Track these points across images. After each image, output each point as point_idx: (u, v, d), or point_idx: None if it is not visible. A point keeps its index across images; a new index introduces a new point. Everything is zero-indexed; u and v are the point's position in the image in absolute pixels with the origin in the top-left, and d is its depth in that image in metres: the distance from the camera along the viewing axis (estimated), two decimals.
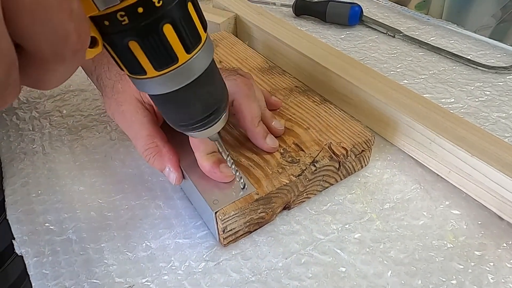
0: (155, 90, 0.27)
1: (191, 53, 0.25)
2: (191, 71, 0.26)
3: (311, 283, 0.36)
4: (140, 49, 0.23)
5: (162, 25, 0.23)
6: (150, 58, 0.24)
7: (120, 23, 0.22)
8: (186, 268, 0.37)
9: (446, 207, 0.41)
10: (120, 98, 0.40)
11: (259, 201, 0.37)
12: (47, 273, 0.37)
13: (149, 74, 0.25)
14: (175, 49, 0.24)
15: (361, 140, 0.42)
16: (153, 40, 0.23)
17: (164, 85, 0.26)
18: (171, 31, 0.24)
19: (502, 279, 0.35)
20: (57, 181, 0.46)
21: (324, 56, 0.55)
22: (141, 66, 0.24)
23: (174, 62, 0.25)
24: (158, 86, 0.26)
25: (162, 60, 0.24)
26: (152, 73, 0.25)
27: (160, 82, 0.26)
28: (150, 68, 0.25)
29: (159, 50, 0.24)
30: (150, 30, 0.23)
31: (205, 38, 0.26)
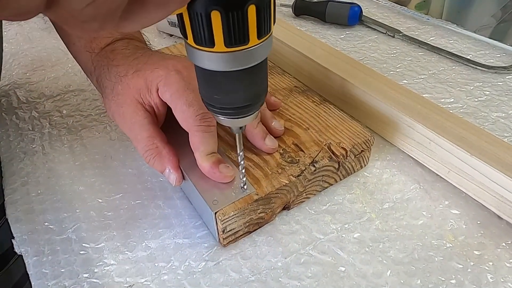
0: (212, 65, 0.27)
1: (261, 39, 0.26)
2: (253, 57, 0.27)
3: (311, 283, 0.36)
4: (220, 21, 0.24)
5: (248, 4, 0.23)
6: (226, 32, 0.24)
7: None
8: (186, 268, 0.37)
9: (445, 206, 0.41)
10: (120, 99, 0.40)
11: (258, 202, 0.37)
12: (46, 272, 0.37)
13: (217, 48, 0.25)
14: (250, 31, 0.25)
15: (360, 141, 0.43)
16: (236, 16, 0.24)
17: (224, 62, 0.26)
18: (253, 13, 0.24)
19: (501, 279, 0.35)
20: (57, 181, 0.46)
21: (323, 56, 0.55)
22: (213, 38, 0.25)
23: (244, 43, 0.25)
24: (217, 63, 0.26)
25: (236, 38, 0.25)
26: (220, 47, 0.25)
27: (221, 59, 0.26)
28: (220, 42, 0.25)
29: (237, 27, 0.24)
30: (237, 5, 0.23)
31: (272, 30, 0.27)
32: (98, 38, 0.44)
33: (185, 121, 0.38)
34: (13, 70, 0.67)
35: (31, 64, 0.68)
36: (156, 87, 0.39)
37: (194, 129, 0.38)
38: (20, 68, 0.67)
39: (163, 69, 0.39)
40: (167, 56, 0.42)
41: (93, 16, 0.18)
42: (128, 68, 0.41)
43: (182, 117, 0.38)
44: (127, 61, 0.41)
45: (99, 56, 0.44)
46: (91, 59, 0.45)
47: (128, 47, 0.43)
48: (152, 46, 0.49)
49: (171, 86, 0.38)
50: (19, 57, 0.70)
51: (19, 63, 0.68)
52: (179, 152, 0.40)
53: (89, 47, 0.45)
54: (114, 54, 0.43)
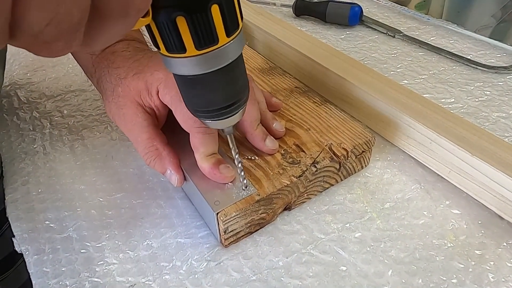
0: (187, 71, 0.27)
1: (230, 37, 0.26)
2: (226, 55, 0.27)
3: (312, 282, 0.36)
4: (186, 25, 0.24)
5: (211, 5, 0.24)
6: (194, 36, 0.25)
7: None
8: (188, 267, 0.37)
9: (446, 206, 0.42)
10: (121, 101, 0.40)
11: (260, 202, 0.37)
12: (47, 271, 0.37)
13: (189, 52, 0.26)
14: (218, 30, 0.25)
15: (361, 141, 0.43)
16: (200, 18, 0.24)
17: (199, 66, 0.27)
18: (217, 12, 0.24)
19: (502, 278, 0.35)
20: (58, 180, 0.46)
21: (324, 56, 0.55)
22: (183, 43, 0.25)
23: (214, 43, 0.26)
24: (192, 67, 0.27)
25: (205, 39, 0.25)
26: (192, 51, 0.26)
27: (195, 63, 0.26)
28: (191, 46, 0.25)
29: (204, 28, 0.25)
30: (200, 8, 0.24)
31: (241, 26, 0.27)
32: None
33: (185, 122, 0.38)
34: (14, 70, 0.67)
35: (31, 65, 0.68)
36: (156, 89, 0.39)
37: (194, 131, 0.38)
38: (21, 68, 0.67)
39: (163, 71, 0.39)
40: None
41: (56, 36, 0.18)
42: (128, 70, 0.41)
43: (182, 119, 0.38)
44: (127, 63, 0.41)
45: (100, 58, 0.44)
46: (92, 61, 0.45)
47: (129, 49, 0.43)
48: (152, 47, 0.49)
49: (171, 89, 0.38)
50: (19, 57, 0.70)
51: (19, 63, 0.68)
52: (180, 152, 0.40)
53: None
54: (114, 56, 0.43)
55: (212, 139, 0.39)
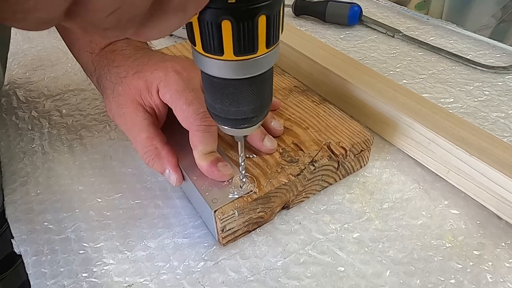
0: (219, 73, 0.27)
1: (269, 49, 0.26)
2: (261, 65, 0.27)
3: (310, 283, 0.36)
4: (230, 30, 0.24)
5: (259, 14, 0.24)
6: (235, 41, 0.24)
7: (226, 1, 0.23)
8: (185, 267, 0.37)
9: (445, 206, 0.41)
10: (121, 100, 0.40)
11: (258, 201, 0.37)
12: (45, 272, 0.37)
13: (226, 56, 0.25)
14: (259, 41, 0.25)
15: (360, 140, 0.43)
16: (246, 26, 0.24)
17: (232, 70, 0.26)
18: (263, 23, 0.24)
19: (500, 279, 0.35)
20: (56, 181, 0.46)
21: (323, 56, 0.55)
22: (222, 46, 0.25)
23: (253, 52, 0.25)
24: (224, 70, 0.26)
25: (245, 47, 0.25)
26: (229, 56, 0.25)
27: (229, 67, 0.26)
28: (230, 51, 0.25)
29: (247, 37, 0.24)
30: (248, 15, 0.23)
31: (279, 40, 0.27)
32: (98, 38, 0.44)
33: (185, 120, 0.38)
34: (13, 69, 0.67)
35: (30, 64, 0.68)
36: (156, 88, 0.39)
37: (194, 128, 0.38)
38: (20, 67, 0.67)
39: (163, 70, 0.39)
40: (167, 57, 0.42)
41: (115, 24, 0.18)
42: (128, 69, 0.41)
43: (182, 116, 0.38)
44: (127, 62, 0.41)
45: (99, 57, 0.44)
46: (92, 59, 0.44)
47: (128, 47, 0.43)
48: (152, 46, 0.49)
49: (171, 87, 0.38)
50: (18, 56, 0.70)
51: (18, 62, 0.68)
52: (179, 151, 0.40)
53: (89, 48, 0.44)
54: (114, 54, 0.43)
55: (212, 138, 0.39)
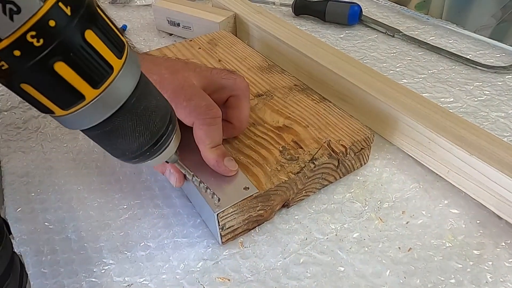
0: (75, 126, 0.24)
1: (101, 87, 0.23)
2: (109, 103, 0.24)
3: (310, 283, 0.36)
4: (36, 91, 0.21)
5: (51, 64, 0.20)
6: (52, 99, 0.22)
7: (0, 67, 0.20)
8: (185, 267, 0.37)
9: (445, 206, 0.41)
10: None
11: (257, 198, 0.37)
12: (45, 272, 0.37)
13: (58, 113, 0.23)
14: (78, 87, 0.22)
15: (360, 138, 0.42)
16: (46, 82, 0.21)
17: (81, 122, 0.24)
18: (66, 69, 0.21)
19: (500, 278, 0.35)
20: (56, 180, 0.46)
21: (323, 55, 0.55)
22: (46, 106, 0.22)
23: (80, 101, 0.22)
24: (76, 123, 0.24)
25: (66, 100, 0.22)
26: (60, 112, 0.23)
27: (75, 120, 0.23)
28: (55, 108, 0.22)
29: (58, 91, 0.21)
30: (38, 72, 0.20)
31: (121, 63, 0.24)
32: None
33: (188, 116, 0.37)
34: None
35: None
36: None
37: (199, 122, 0.37)
38: None
39: (156, 73, 0.38)
40: (158, 60, 0.42)
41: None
42: None
43: (184, 113, 0.37)
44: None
45: None
46: None
47: None
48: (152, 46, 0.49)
49: (168, 88, 0.37)
50: None
51: None
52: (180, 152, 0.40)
53: None
54: None
55: (217, 130, 0.38)
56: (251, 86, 0.51)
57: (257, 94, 0.50)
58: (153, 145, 0.28)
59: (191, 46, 0.60)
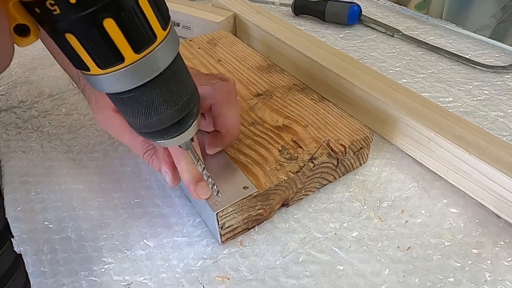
0: (104, 88, 0.24)
1: (142, 53, 0.23)
2: (144, 72, 0.24)
3: (309, 282, 0.36)
4: (78, 43, 0.21)
5: (101, 19, 0.20)
6: (92, 55, 0.22)
7: (51, 13, 0.20)
8: (184, 266, 0.37)
9: (444, 205, 0.41)
10: (106, 112, 0.39)
11: (257, 198, 0.37)
12: (45, 271, 0.37)
13: (93, 71, 0.23)
14: (121, 48, 0.22)
15: (359, 137, 0.43)
16: (92, 36, 0.21)
17: (113, 84, 0.24)
18: (114, 27, 0.21)
19: (499, 277, 0.35)
20: (56, 180, 0.46)
21: (323, 55, 0.55)
22: (83, 61, 0.22)
23: (119, 62, 0.23)
24: (107, 85, 0.24)
25: (105, 58, 0.22)
26: (96, 70, 0.23)
27: (107, 81, 0.23)
28: (92, 65, 0.22)
29: (100, 47, 0.21)
30: (87, 24, 0.20)
31: (164, 34, 0.24)
32: None
33: None
34: (13, 69, 0.67)
35: (30, 63, 0.68)
36: None
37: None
38: (20, 67, 0.67)
39: None
40: None
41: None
42: None
43: None
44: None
45: None
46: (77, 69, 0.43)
47: None
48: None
49: None
50: (18, 56, 0.70)
51: (18, 62, 0.68)
52: None
53: None
54: None
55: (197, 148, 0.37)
56: (250, 86, 0.51)
57: (256, 93, 0.50)
58: (176, 123, 0.28)
59: (191, 46, 0.60)
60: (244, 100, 0.49)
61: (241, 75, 0.54)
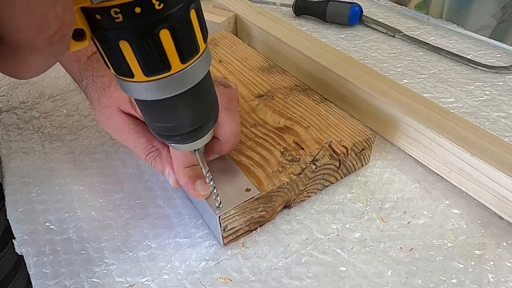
0: (141, 95, 0.25)
1: (186, 63, 0.24)
2: (183, 82, 0.25)
3: (312, 283, 0.36)
4: (131, 51, 0.22)
5: (159, 30, 0.21)
6: (141, 62, 0.23)
7: (113, 20, 0.20)
8: (186, 267, 0.37)
9: (446, 206, 0.41)
10: (107, 112, 0.39)
11: (259, 200, 0.37)
12: (47, 272, 0.37)
13: (137, 78, 0.24)
14: (170, 57, 0.23)
15: (361, 139, 0.43)
16: (146, 44, 0.22)
17: (152, 91, 0.25)
18: (168, 37, 0.22)
19: (502, 278, 0.35)
20: (57, 181, 0.46)
21: (324, 55, 0.55)
22: (130, 68, 0.23)
23: (166, 70, 0.23)
24: (145, 92, 0.25)
25: (154, 66, 0.23)
26: (140, 77, 0.23)
27: (148, 88, 0.24)
28: (139, 72, 0.23)
29: (152, 55, 0.22)
30: (145, 33, 0.21)
31: (203, 48, 0.25)
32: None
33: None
34: None
35: None
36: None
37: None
38: None
39: None
40: None
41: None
42: (111, 79, 0.39)
43: None
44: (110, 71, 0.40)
45: (85, 66, 0.42)
46: (79, 68, 0.43)
47: None
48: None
49: None
50: None
51: None
52: None
53: (76, 56, 0.43)
54: (98, 63, 0.41)
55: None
56: (252, 87, 0.51)
57: (258, 94, 0.50)
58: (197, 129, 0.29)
59: None
60: (245, 101, 0.49)
61: (242, 76, 0.54)
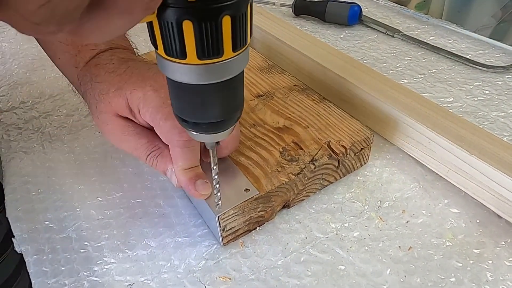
0: (183, 78, 0.25)
1: (236, 53, 0.25)
2: (228, 70, 0.26)
3: (310, 281, 0.36)
4: (192, 31, 0.22)
5: (223, 15, 0.22)
6: (198, 44, 0.23)
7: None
8: (186, 266, 0.37)
9: (445, 205, 0.42)
10: (105, 117, 0.39)
11: (258, 200, 0.38)
12: (46, 271, 0.38)
13: (189, 60, 0.24)
14: (225, 43, 0.24)
15: (360, 138, 0.43)
16: (209, 27, 0.22)
17: (196, 75, 0.25)
18: (228, 24, 0.23)
19: (500, 277, 0.35)
20: (57, 180, 0.46)
21: (323, 55, 0.55)
22: (184, 49, 0.23)
23: (218, 56, 0.24)
24: (189, 75, 0.25)
25: (209, 50, 0.23)
26: (192, 59, 0.24)
27: (193, 71, 0.25)
28: (192, 54, 0.24)
29: (211, 39, 0.23)
30: (211, 16, 0.22)
31: (249, 41, 0.26)
32: (83, 52, 0.42)
33: (164, 135, 0.37)
34: (13, 69, 0.67)
35: (31, 64, 0.68)
36: (137, 109, 0.38)
37: (173, 144, 0.37)
38: (20, 67, 0.67)
39: (141, 90, 0.37)
40: (147, 75, 0.39)
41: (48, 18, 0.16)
42: (109, 86, 0.39)
43: (160, 132, 0.37)
44: (109, 78, 0.39)
45: (84, 71, 0.42)
46: (77, 73, 0.43)
47: (113, 60, 0.41)
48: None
49: (149, 106, 0.37)
50: (19, 56, 0.70)
51: (19, 62, 0.69)
52: None
53: (74, 62, 0.43)
54: (97, 69, 0.41)
55: (192, 153, 0.37)
56: (251, 87, 0.51)
57: (257, 94, 0.50)
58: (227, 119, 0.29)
59: None
60: (245, 101, 0.49)
61: None
